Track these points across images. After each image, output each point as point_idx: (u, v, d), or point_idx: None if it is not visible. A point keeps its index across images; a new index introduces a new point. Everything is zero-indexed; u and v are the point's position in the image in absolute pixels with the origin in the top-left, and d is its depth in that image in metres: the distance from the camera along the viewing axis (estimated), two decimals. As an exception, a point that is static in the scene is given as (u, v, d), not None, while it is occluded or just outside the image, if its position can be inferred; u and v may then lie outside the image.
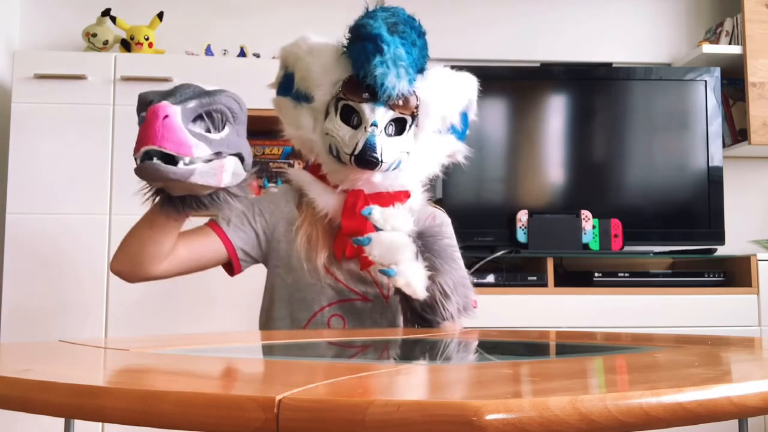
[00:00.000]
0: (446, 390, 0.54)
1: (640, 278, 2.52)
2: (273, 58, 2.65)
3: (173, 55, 2.63)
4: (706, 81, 2.71)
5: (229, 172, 1.01)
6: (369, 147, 1.28)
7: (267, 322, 1.42)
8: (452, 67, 1.45)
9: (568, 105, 2.78)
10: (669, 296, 2.45)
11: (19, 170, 2.39)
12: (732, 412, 0.48)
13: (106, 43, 2.64)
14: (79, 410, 0.50)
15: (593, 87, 2.75)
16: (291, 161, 2.76)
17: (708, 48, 2.78)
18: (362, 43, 1.29)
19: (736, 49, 2.78)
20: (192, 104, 0.96)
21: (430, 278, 1.19)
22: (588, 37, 3.00)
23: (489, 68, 2.74)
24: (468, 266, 2.62)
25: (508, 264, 2.53)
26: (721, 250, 2.66)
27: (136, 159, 0.96)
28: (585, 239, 2.54)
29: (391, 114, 1.32)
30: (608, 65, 2.82)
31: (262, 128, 2.74)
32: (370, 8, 1.34)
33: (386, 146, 1.30)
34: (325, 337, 1.13)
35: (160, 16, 2.66)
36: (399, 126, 1.34)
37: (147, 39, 2.62)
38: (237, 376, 0.66)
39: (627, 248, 2.62)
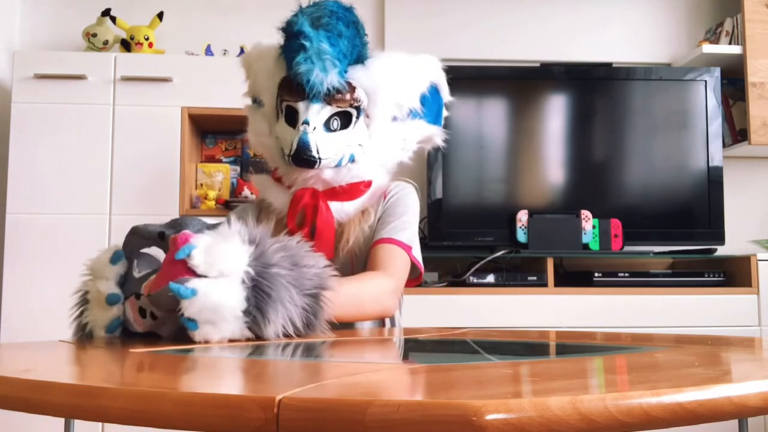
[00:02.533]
0: (446, 390, 0.54)
1: (640, 278, 2.52)
2: (273, 58, 2.66)
3: (173, 55, 2.64)
4: (706, 81, 2.71)
5: None
6: (302, 146, 1.27)
7: None
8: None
9: (568, 105, 2.78)
10: (669, 296, 2.45)
11: (19, 170, 2.39)
12: (732, 412, 0.48)
13: (106, 43, 2.64)
14: (79, 410, 0.50)
15: (593, 87, 2.75)
16: (291, 161, 2.76)
17: (708, 48, 2.78)
18: (289, 42, 1.29)
19: (736, 49, 2.78)
20: None
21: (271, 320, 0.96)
22: (588, 37, 3.00)
23: (489, 68, 2.74)
24: (468, 266, 2.63)
25: (508, 264, 2.53)
26: (721, 250, 2.66)
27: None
28: (585, 239, 2.54)
29: (330, 109, 1.30)
30: (608, 65, 2.82)
31: (262, 128, 2.74)
32: (302, 5, 1.33)
33: (323, 142, 1.28)
34: (325, 337, 1.13)
35: (160, 16, 2.66)
36: (344, 119, 1.32)
37: (147, 39, 2.62)
38: (237, 376, 0.66)
39: (627, 248, 2.62)
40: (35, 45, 2.83)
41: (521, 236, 2.55)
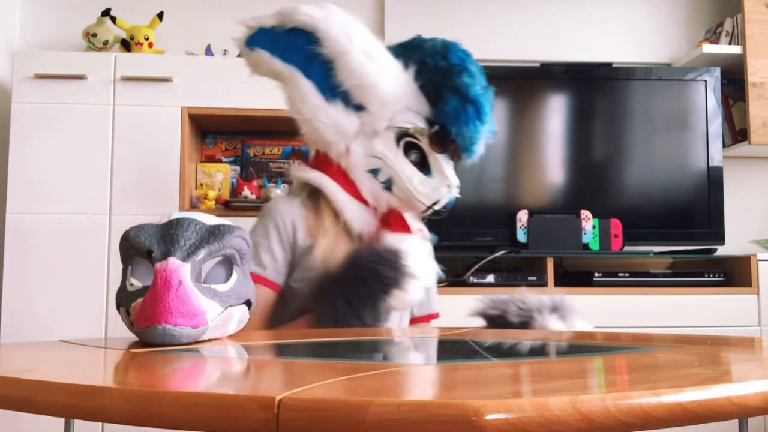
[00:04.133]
0: (446, 390, 0.54)
1: (640, 278, 2.52)
2: (273, 58, 2.65)
3: (173, 55, 2.63)
4: (706, 81, 2.71)
5: (235, 321, 0.94)
6: (447, 207, 1.36)
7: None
8: None
9: (568, 105, 2.78)
10: (669, 296, 2.45)
11: (19, 170, 2.39)
12: (732, 412, 0.48)
13: (106, 43, 2.64)
14: (79, 410, 0.50)
15: (593, 87, 2.75)
16: (291, 161, 2.76)
17: (708, 48, 2.78)
18: (463, 104, 1.31)
19: (736, 49, 2.78)
20: (201, 255, 0.87)
21: None
22: (588, 37, 3.00)
23: (489, 68, 2.72)
24: (468, 266, 2.63)
25: (508, 264, 2.53)
26: (721, 250, 2.66)
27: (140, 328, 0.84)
28: (585, 239, 2.54)
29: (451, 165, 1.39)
30: (608, 65, 2.82)
31: (262, 128, 2.75)
32: (458, 50, 1.36)
33: None
34: (325, 337, 1.13)
35: (160, 16, 2.66)
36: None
37: (147, 39, 2.62)
38: (237, 376, 0.66)
39: (627, 248, 2.62)
40: (35, 45, 2.83)
41: (521, 236, 2.55)
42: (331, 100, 1.32)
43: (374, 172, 1.34)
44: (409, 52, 1.39)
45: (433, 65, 1.35)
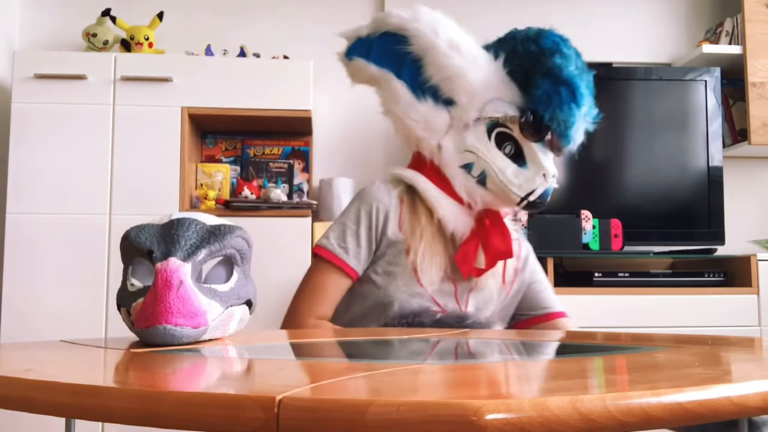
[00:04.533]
0: (446, 390, 0.54)
1: (640, 278, 2.52)
2: (273, 58, 2.66)
3: (173, 55, 2.64)
4: (706, 81, 2.71)
5: (236, 321, 0.93)
6: (545, 197, 1.28)
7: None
8: None
9: (568, 105, 2.77)
10: (669, 296, 2.45)
11: (19, 170, 2.39)
12: (732, 412, 0.48)
13: (106, 43, 2.64)
14: (79, 410, 0.50)
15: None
16: (291, 161, 2.76)
17: (708, 48, 2.78)
18: (556, 87, 1.25)
19: (736, 49, 2.78)
20: (202, 255, 0.87)
21: None
22: (588, 37, 3.00)
23: (489, 68, 2.74)
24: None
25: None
26: (721, 250, 2.66)
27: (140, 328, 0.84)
28: (585, 239, 2.54)
29: (550, 156, 1.32)
30: (608, 65, 2.82)
31: (262, 128, 2.75)
32: (552, 34, 1.29)
33: None
34: (325, 337, 1.13)
35: (160, 16, 2.66)
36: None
37: (147, 39, 2.62)
38: (237, 376, 0.66)
39: (627, 248, 2.62)
40: (35, 45, 2.83)
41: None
42: (421, 97, 1.32)
43: (467, 167, 1.30)
44: (502, 44, 1.36)
45: (524, 51, 1.29)
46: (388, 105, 1.36)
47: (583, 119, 1.27)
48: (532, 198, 1.27)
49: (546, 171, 1.29)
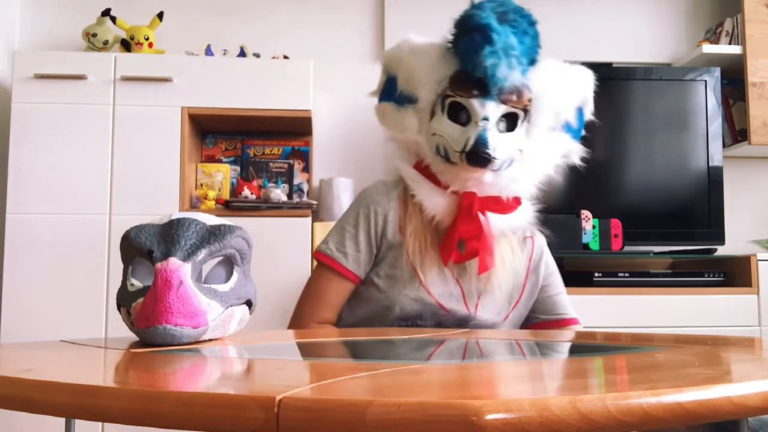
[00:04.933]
0: (446, 390, 0.54)
1: (640, 278, 2.52)
2: (273, 58, 2.66)
3: (173, 55, 2.64)
4: (706, 81, 2.71)
5: (236, 321, 0.93)
6: (481, 142, 1.22)
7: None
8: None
9: (568, 105, 2.77)
10: (669, 296, 2.45)
11: (19, 170, 2.39)
12: (732, 412, 0.48)
13: (106, 43, 2.64)
14: (79, 410, 0.50)
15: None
16: (291, 161, 2.76)
17: (708, 48, 2.78)
18: (470, 35, 1.23)
19: (736, 49, 2.78)
20: (202, 255, 0.86)
21: None
22: (588, 37, 3.00)
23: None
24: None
25: (508, 264, 2.52)
26: (721, 250, 2.66)
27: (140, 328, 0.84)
28: (585, 239, 2.54)
29: (503, 108, 1.26)
30: (608, 65, 2.82)
31: (262, 128, 2.75)
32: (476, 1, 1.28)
33: (498, 142, 1.24)
34: (326, 337, 1.13)
35: (160, 16, 2.66)
36: (510, 122, 1.28)
37: (147, 39, 2.62)
38: (237, 376, 0.66)
39: (627, 248, 2.62)
40: (35, 45, 2.83)
41: (521, 236, 2.55)
42: (401, 107, 1.35)
43: (438, 150, 1.30)
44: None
45: (457, 20, 1.30)
46: (386, 128, 1.41)
47: (508, 56, 1.22)
48: (468, 148, 1.23)
49: (477, 118, 1.25)
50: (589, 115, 1.44)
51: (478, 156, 1.23)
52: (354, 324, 1.37)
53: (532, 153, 1.32)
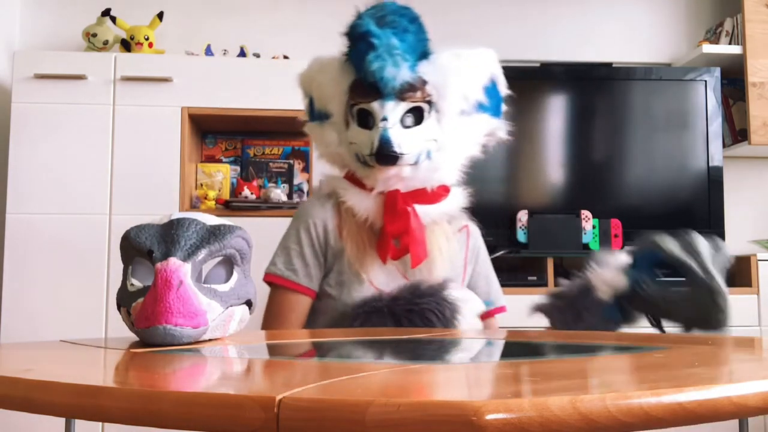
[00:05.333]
0: (446, 390, 0.54)
1: (640, 278, 2.51)
2: (273, 58, 2.66)
3: (173, 55, 2.64)
4: (706, 81, 2.71)
5: (236, 321, 0.94)
6: (384, 142, 1.27)
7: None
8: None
9: (568, 105, 2.78)
10: (669, 296, 2.44)
11: (19, 170, 2.39)
12: (732, 412, 0.48)
13: (106, 43, 2.64)
14: (79, 410, 0.50)
15: (593, 87, 2.75)
16: (291, 161, 2.76)
17: (708, 48, 2.78)
18: (356, 45, 1.29)
19: (736, 49, 2.78)
20: (202, 255, 0.87)
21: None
22: (588, 37, 3.00)
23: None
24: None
25: (508, 264, 2.53)
26: (721, 250, 2.66)
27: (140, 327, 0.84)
28: (585, 239, 2.54)
29: (404, 105, 1.31)
30: (608, 65, 2.82)
31: (262, 128, 2.75)
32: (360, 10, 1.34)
33: (404, 138, 1.29)
34: (326, 337, 1.13)
35: (160, 16, 2.66)
36: (417, 116, 1.33)
37: (147, 39, 2.62)
38: (237, 376, 0.66)
39: (627, 248, 2.61)
40: (35, 45, 2.83)
41: (521, 236, 2.55)
42: (321, 124, 1.42)
43: (357, 157, 1.35)
44: None
45: (345, 32, 1.34)
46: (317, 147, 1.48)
47: (392, 56, 1.26)
48: (374, 150, 1.28)
49: (378, 120, 1.30)
50: (504, 90, 1.47)
51: (385, 155, 1.28)
52: None
53: (449, 139, 1.36)
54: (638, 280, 1.20)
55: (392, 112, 1.30)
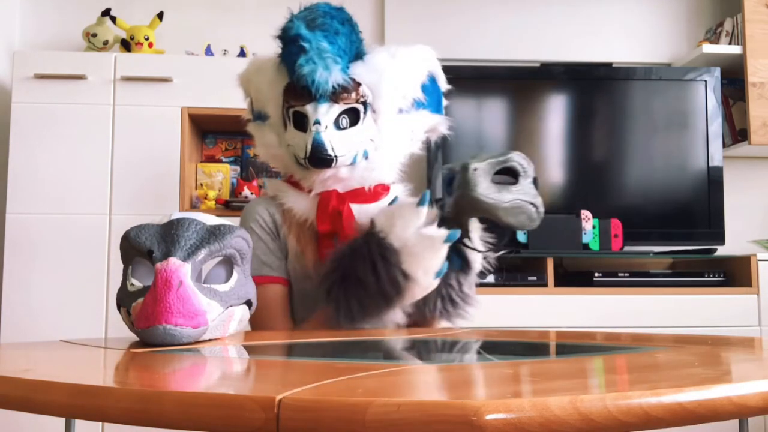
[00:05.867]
0: (446, 390, 0.54)
1: (640, 278, 2.52)
2: (273, 58, 2.66)
3: (173, 55, 2.64)
4: (706, 81, 2.71)
5: (236, 321, 0.94)
6: (317, 145, 1.27)
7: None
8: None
9: (568, 105, 2.77)
10: (669, 296, 2.45)
11: (19, 170, 2.39)
12: (732, 412, 0.48)
13: (106, 43, 2.64)
14: (79, 410, 0.50)
15: (593, 87, 2.75)
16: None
17: (708, 48, 2.78)
18: (288, 48, 1.30)
19: (736, 49, 2.78)
20: (201, 255, 0.87)
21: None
22: (588, 37, 3.00)
23: (489, 68, 2.74)
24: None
25: (508, 264, 2.53)
26: (721, 250, 2.66)
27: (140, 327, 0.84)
28: (585, 239, 2.54)
29: (337, 107, 1.30)
30: (608, 65, 2.82)
31: (262, 128, 2.74)
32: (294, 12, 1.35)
33: (337, 140, 1.29)
34: (325, 337, 1.13)
35: (160, 16, 2.66)
36: (353, 116, 1.32)
37: (147, 39, 2.62)
38: (237, 376, 0.66)
39: (627, 248, 2.62)
40: (35, 45, 2.83)
41: (521, 236, 2.55)
42: (261, 125, 1.43)
43: (295, 159, 1.35)
44: None
45: (278, 35, 1.35)
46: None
47: (323, 59, 1.26)
48: (308, 154, 1.28)
49: (311, 123, 1.30)
50: (444, 85, 1.46)
51: (318, 158, 1.28)
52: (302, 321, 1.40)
53: (387, 138, 1.36)
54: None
55: (326, 114, 1.30)
